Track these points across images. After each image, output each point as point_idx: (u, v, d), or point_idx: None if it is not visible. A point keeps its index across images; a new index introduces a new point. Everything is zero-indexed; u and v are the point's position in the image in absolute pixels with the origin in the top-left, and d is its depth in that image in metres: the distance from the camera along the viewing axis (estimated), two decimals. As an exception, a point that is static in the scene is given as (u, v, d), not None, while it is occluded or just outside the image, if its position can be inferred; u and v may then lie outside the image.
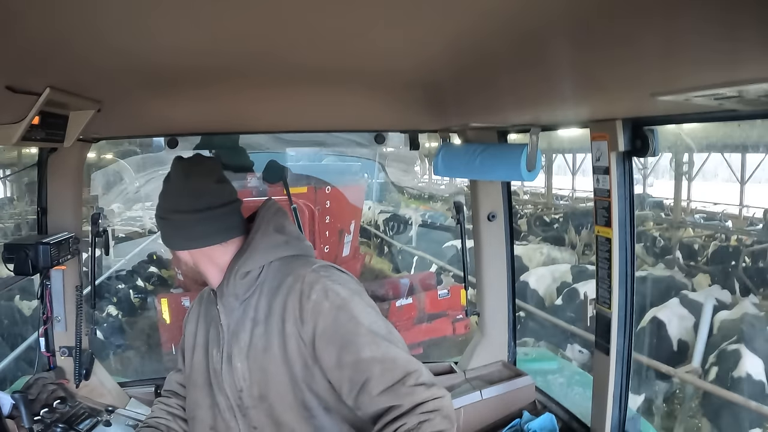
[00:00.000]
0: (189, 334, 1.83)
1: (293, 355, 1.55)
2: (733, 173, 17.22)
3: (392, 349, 1.48)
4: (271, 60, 1.29)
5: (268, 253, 1.66)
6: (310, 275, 1.57)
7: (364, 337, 1.48)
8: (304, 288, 1.55)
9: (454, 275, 10.04)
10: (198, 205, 1.61)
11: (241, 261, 1.64)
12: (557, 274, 10.42)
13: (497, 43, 1.07)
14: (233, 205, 1.68)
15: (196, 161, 1.69)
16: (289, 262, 1.66)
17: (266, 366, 1.58)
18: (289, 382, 1.56)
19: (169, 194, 1.66)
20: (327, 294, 1.53)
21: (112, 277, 9.39)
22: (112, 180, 8.18)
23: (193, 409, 1.75)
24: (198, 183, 1.63)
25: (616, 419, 2.04)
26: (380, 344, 1.48)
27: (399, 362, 1.46)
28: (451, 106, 1.95)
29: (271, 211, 1.74)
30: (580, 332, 7.61)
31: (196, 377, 1.74)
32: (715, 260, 11.32)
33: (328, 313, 1.51)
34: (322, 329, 1.51)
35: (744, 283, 9.94)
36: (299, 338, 1.54)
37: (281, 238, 1.69)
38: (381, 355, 1.46)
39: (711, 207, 17.73)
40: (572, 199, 21.30)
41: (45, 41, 0.99)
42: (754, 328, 6.82)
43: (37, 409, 2.12)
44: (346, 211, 7.25)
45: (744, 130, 12.92)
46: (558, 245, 13.79)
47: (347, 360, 1.48)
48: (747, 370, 6.19)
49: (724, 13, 0.73)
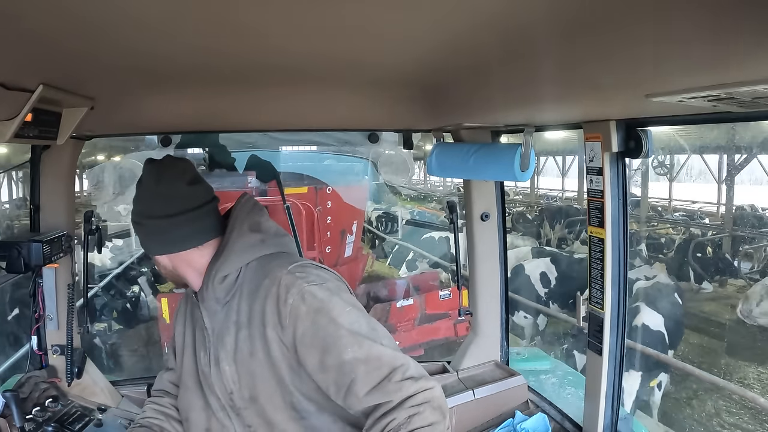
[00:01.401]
0: (178, 335, 1.80)
1: (278, 359, 1.52)
2: (711, 173, 17.76)
3: (375, 348, 1.44)
4: (264, 58, 1.29)
5: (244, 254, 1.61)
6: (286, 277, 1.52)
7: (344, 338, 1.44)
8: (280, 292, 1.50)
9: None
10: (170, 210, 1.57)
11: (218, 264, 1.60)
12: (520, 255, 11.37)
13: (491, 43, 1.08)
14: (208, 206, 1.63)
15: (167, 163, 1.63)
16: (267, 262, 1.60)
17: (253, 369, 1.55)
18: (277, 385, 1.54)
19: (141, 199, 1.62)
20: (303, 297, 1.48)
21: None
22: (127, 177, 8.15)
23: (186, 411, 1.72)
24: (169, 186, 1.58)
25: (608, 419, 2.05)
26: (362, 344, 1.44)
27: (384, 359, 1.43)
28: (445, 105, 1.95)
29: (246, 209, 1.69)
30: (524, 301, 9.57)
31: (186, 379, 1.72)
32: (678, 252, 12.82)
33: (305, 316, 1.47)
34: (301, 334, 1.47)
35: (696, 270, 11.93)
36: (281, 343, 1.51)
37: (257, 237, 1.64)
38: (364, 355, 1.43)
39: (690, 205, 19.42)
40: (562, 200, 21.89)
41: (38, 38, 0.99)
42: (661, 293, 8.54)
43: (29, 407, 2.10)
44: (347, 212, 7.21)
45: (723, 132, 13.48)
46: (536, 239, 15.50)
47: (330, 363, 1.44)
48: (644, 321, 7.79)
49: (717, 16, 0.74)
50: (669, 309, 8.16)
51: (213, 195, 1.66)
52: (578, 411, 2.26)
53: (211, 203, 1.64)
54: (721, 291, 11.95)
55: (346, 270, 6.96)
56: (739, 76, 0.91)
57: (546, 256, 10.86)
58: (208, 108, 2.00)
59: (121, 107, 1.82)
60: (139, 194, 1.63)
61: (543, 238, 16.09)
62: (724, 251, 13.27)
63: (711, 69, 0.93)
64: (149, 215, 1.59)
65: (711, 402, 7.51)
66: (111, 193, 8.01)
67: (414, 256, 11.59)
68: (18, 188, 19.89)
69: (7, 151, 9.38)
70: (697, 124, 7.32)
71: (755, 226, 14.88)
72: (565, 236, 15.96)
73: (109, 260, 9.90)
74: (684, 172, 19.02)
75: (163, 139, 2.66)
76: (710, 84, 0.97)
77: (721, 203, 17.34)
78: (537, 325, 9.79)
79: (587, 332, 2.07)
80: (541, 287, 10.26)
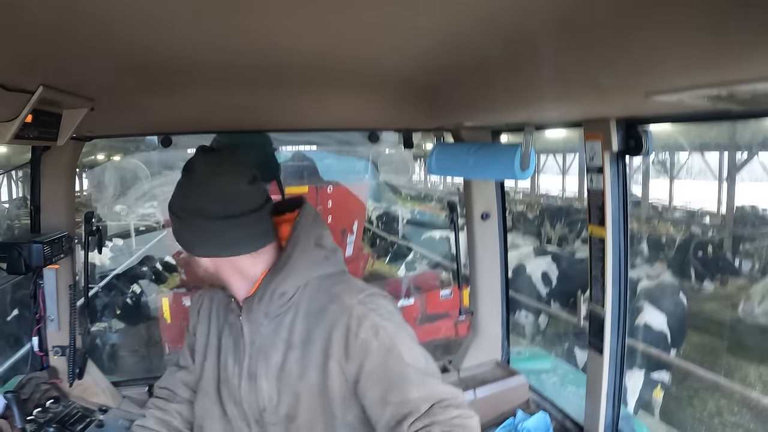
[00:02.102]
0: (201, 335, 1.67)
1: (333, 389, 1.45)
2: (711, 172, 17.73)
3: (435, 385, 1.42)
4: (264, 59, 1.29)
5: (308, 271, 1.50)
6: (358, 308, 1.42)
7: (411, 378, 1.40)
8: (351, 323, 1.41)
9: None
10: (228, 211, 1.42)
11: (278, 279, 1.48)
12: (522, 256, 11.23)
13: (491, 42, 1.08)
14: (265, 208, 1.49)
15: (226, 156, 1.49)
16: (331, 284, 1.50)
17: (299, 391, 1.47)
18: (321, 411, 1.47)
19: (191, 193, 1.46)
20: (377, 333, 1.40)
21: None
22: (128, 177, 8.19)
23: (201, 419, 1.63)
24: (229, 184, 1.44)
25: (609, 418, 2.05)
26: (426, 382, 1.41)
27: (439, 395, 1.41)
28: (445, 105, 1.95)
29: (309, 220, 1.55)
30: (525, 300, 9.72)
31: (206, 386, 1.61)
32: (679, 251, 12.75)
33: (376, 353, 1.40)
34: (369, 370, 1.40)
35: (697, 269, 11.90)
36: (341, 374, 1.43)
37: (321, 253, 1.53)
38: (427, 394, 1.39)
39: (690, 205, 19.01)
40: (563, 199, 21.93)
41: (38, 39, 0.99)
42: (665, 292, 8.48)
43: (30, 408, 2.10)
44: (348, 211, 7.17)
45: (722, 131, 13.53)
46: (537, 237, 15.60)
47: (393, 399, 1.39)
48: (646, 320, 7.75)
49: (717, 15, 0.74)
50: (672, 308, 8.17)
51: (268, 196, 1.52)
52: (579, 410, 2.26)
53: (267, 205, 1.50)
54: (722, 290, 11.96)
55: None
56: (739, 74, 0.91)
57: (547, 255, 10.91)
58: (209, 109, 2.00)
59: (121, 108, 1.82)
60: (189, 187, 1.47)
61: (544, 237, 16.14)
62: (725, 250, 13.25)
63: (711, 67, 0.93)
64: (201, 213, 1.43)
65: (712, 401, 7.52)
66: (111, 193, 8.03)
67: (414, 257, 11.64)
68: (18, 189, 19.91)
69: (7, 151, 9.40)
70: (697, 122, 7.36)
71: (756, 225, 14.89)
72: (566, 235, 16.01)
73: (108, 260, 9.92)
74: (684, 171, 18.99)
75: (163, 140, 2.66)
76: (710, 82, 0.97)
77: (722, 202, 17.39)
78: (538, 325, 9.83)
79: (588, 331, 2.07)
80: (543, 287, 10.29)
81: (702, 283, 11.85)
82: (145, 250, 10.92)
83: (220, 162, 1.47)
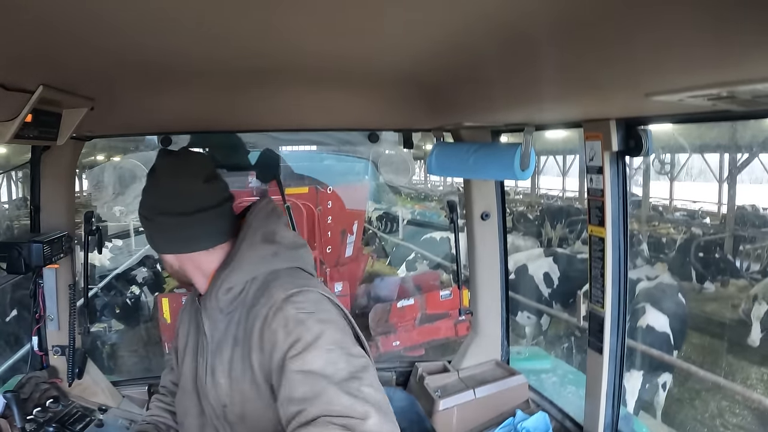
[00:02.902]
0: (182, 335, 1.72)
1: (261, 383, 1.42)
2: (712, 173, 17.76)
3: (337, 396, 1.25)
4: (264, 58, 1.29)
5: (253, 267, 1.50)
6: (280, 302, 1.40)
7: (312, 380, 1.28)
8: (268, 315, 1.39)
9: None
10: (185, 208, 1.47)
11: (224, 275, 1.50)
12: (531, 257, 11.24)
13: (491, 42, 1.08)
14: (223, 206, 1.53)
15: (184, 157, 1.54)
16: (273, 279, 1.48)
17: (243, 389, 1.46)
18: (264, 409, 1.44)
19: (153, 193, 1.52)
20: (287, 324, 1.36)
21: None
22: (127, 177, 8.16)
23: (182, 416, 1.65)
24: (186, 183, 1.49)
25: (609, 418, 2.05)
26: (327, 390, 1.26)
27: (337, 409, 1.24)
28: (445, 105, 1.95)
29: (261, 216, 1.58)
30: (527, 302, 9.71)
31: (185, 383, 1.64)
32: (679, 252, 12.80)
33: (283, 345, 1.34)
34: (277, 361, 1.35)
35: (698, 270, 11.96)
36: (261, 368, 1.41)
37: (269, 249, 1.52)
38: (323, 402, 1.25)
39: (691, 205, 19.23)
40: (563, 199, 21.95)
41: (38, 39, 0.99)
42: (665, 293, 8.48)
43: (30, 408, 2.11)
44: (348, 212, 7.13)
45: (722, 131, 13.55)
46: (537, 238, 15.34)
47: (292, 397, 1.29)
48: (649, 322, 7.71)
49: (717, 14, 0.73)
50: (674, 309, 8.16)
51: (229, 194, 1.56)
52: (579, 410, 2.26)
53: (226, 203, 1.55)
54: (723, 291, 11.96)
55: (346, 270, 6.96)
56: (739, 74, 0.91)
57: (555, 255, 10.92)
58: (208, 108, 2.00)
59: (121, 108, 1.82)
60: (151, 187, 1.54)
61: (544, 238, 16.10)
62: (726, 251, 13.29)
63: (711, 68, 0.93)
64: (161, 211, 1.49)
65: (714, 402, 7.53)
66: (111, 193, 8.02)
67: (414, 257, 11.64)
68: (18, 188, 19.92)
69: (7, 151, 9.40)
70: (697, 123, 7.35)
71: (756, 225, 14.90)
72: (566, 236, 16.02)
73: (108, 260, 9.91)
74: (684, 172, 19.02)
75: (163, 140, 2.66)
76: (710, 83, 0.97)
77: (722, 203, 17.42)
78: (540, 325, 9.83)
79: (588, 331, 2.07)
80: (545, 287, 10.29)
81: (702, 284, 11.87)
82: (145, 251, 10.92)
83: (178, 163, 1.53)
